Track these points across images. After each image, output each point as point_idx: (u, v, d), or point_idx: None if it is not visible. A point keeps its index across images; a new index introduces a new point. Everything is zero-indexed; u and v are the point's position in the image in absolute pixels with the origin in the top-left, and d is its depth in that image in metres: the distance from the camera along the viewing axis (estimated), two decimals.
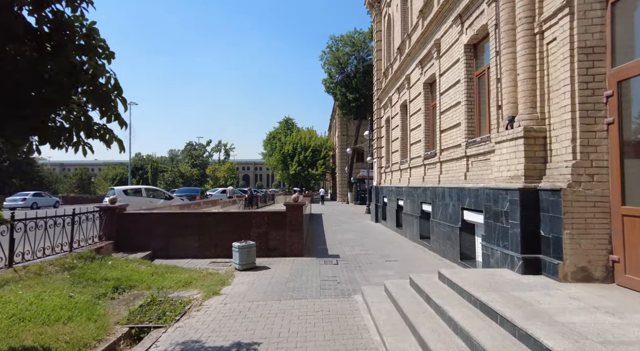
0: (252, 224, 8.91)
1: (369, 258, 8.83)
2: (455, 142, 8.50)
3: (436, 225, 9.27)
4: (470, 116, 7.92)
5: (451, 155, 8.70)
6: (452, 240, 8.19)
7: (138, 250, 8.70)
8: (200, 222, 8.97)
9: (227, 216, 8.96)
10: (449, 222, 8.47)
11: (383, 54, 17.40)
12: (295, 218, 8.90)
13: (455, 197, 8.11)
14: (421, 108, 11.15)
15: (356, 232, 13.86)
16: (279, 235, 8.91)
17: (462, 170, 8.02)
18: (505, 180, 5.23)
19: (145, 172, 75.17)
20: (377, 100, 18.07)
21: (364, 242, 11.47)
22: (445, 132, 9.16)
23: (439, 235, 9.04)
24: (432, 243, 9.57)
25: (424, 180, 10.72)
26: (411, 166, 12.13)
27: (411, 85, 12.36)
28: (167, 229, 8.92)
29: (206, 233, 8.92)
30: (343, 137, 46.49)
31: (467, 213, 7.60)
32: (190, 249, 8.87)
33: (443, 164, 9.28)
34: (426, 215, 10.70)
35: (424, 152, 10.82)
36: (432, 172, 10.13)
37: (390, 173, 15.60)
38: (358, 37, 39.88)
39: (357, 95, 39.14)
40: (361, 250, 9.98)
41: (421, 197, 10.64)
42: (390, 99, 15.56)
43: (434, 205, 9.53)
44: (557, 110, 4.52)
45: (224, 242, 8.79)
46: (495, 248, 5.34)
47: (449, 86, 8.92)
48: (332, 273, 7.24)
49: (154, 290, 6.12)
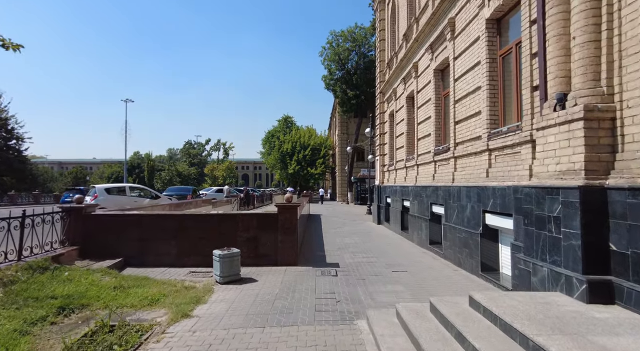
0: (239, 228, 7.74)
1: (373, 267, 7.66)
2: (474, 133, 7.34)
3: (450, 229, 8.10)
4: (493, 103, 6.75)
5: (468, 149, 7.54)
6: (471, 248, 7.03)
7: (107, 256, 7.53)
8: (179, 225, 7.81)
9: (210, 218, 7.80)
10: (466, 226, 7.31)
11: (387, 43, 16.23)
12: (288, 221, 7.74)
13: (474, 197, 6.94)
14: (431, 98, 9.98)
15: (357, 235, 12.70)
16: (269, 240, 7.75)
17: (482, 166, 6.86)
18: (552, 177, 4.06)
19: (142, 170, 73.97)
20: (379, 93, 16.91)
21: (366, 247, 10.31)
22: (461, 123, 7.99)
23: (454, 241, 7.88)
24: (445, 250, 8.41)
25: (434, 179, 9.55)
26: (419, 163, 10.96)
27: (419, 73, 11.19)
28: (142, 233, 7.76)
29: (186, 238, 7.76)
30: (343, 136, 45.33)
31: (490, 217, 6.43)
32: (167, 256, 7.71)
33: (458, 160, 8.12)
34: (437, 218, 9.53)
35: (434, 147, 9.66)
36: (444, 169, 8.96)
37: (394, 172, 14.44)
38: (359, 32, 38.70)
39: (358, 92, 37.98)
40: (363, 257, 8.81)
41: (431, 198, 9.48)
42: (394, 91, 14.39)
43: (447, 207, 8.37)
44: (633, 82, 3.35)
45: (206, 248, 7.62)
46: (539, 263, 4.17)
47: (465, 70, 7.75)
48: (331, 288, 6.08)
49: (112, 310, 4.97)
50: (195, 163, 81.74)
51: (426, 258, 8.71)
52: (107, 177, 68.12)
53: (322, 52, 40.68)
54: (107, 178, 67.30)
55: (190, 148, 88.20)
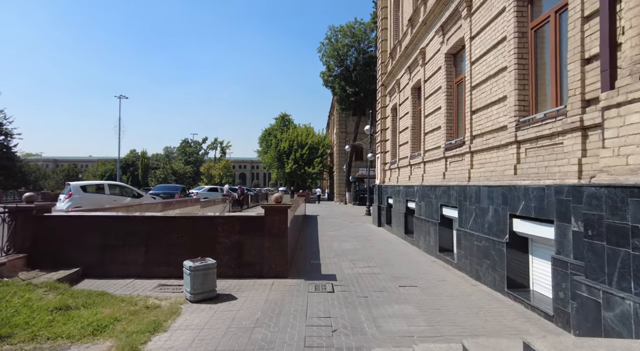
0: (219, 233, 6.58)
1: (375, 280, 6.52)
2: (496, 123, 6.21)
3: (465, 236, 6.97)
4: (522, 85, 5.62)
5: (489, 142, 6.41)
6: (493, 259, 5.90)
7: (62, 266, 6.36)
8: (149, 229, 6.64)
9: (185, 222, 6.65)
10: (486, 233, 6.18)
11: (389, 33, 15.08)
12: (276, 226, 6.58)
13: (498, 199, 5.81)
14: (441, 86, 8.85)
15: (357, 240, 11.55)
16: (254, 247, 6.59)
17: (508, 162, 5.73)
18: (633, 172, 2.92)
19: (136, 168, 72.59)
20: (381, 86, 15.77)
21: (367, 254, 9.16)
22: (480, 112, 6.86)
23: (470, 250, 6.75)
24: (459, 260, 7.27)
25: (444, 177, 8.42)
26: (426, 160, 9.83)
27: (427, 60, 10.06)
28: (105, 238, 6.58)
29: (156, 244, 6.59)
30: (341, 134, 44.21)
31: (520, 223, 5.30)
32: (134, 265, 6.54)
33: (476, 155, 6.99)
34: (448, 222, 8.40)
35: (445, 141, 8.53)
36: (457, 165, 7.83)
37: (396, 170, 13.31)
38: (359, 27, 37.59)
39: (357, 89, 36.85)
40: (364, 266, 7.67)
41: (441, 199, 8.35)
42: (398, 83, 13.25)
43: (461, 210, 7.24)
44: None
45: (179, 257, 6.46)
46: (617, 293, 3.02)
47: (486, 49, 6.62)
48: (325, 310, 4.92)
49: (40, 343, 3.82)
50: (191, 162, 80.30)
51: (436, 268, 7.57)
52: (101, 175, 66.67)
53: (320, 48, 39.57)
54: (101, 176, 65.88)
55: (186, 146, 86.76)
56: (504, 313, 4.81)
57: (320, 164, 47.28)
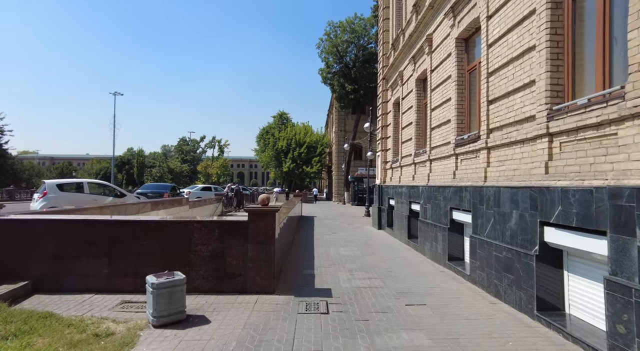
0: (195, 240, 5.62)
1: (377, 297, 5.58)
2: (521, 113, 5.26)
3: (481, 245, 6.03)
4: (555, 67, 4.68)
5: (511, 135, 5.47)
6: (518, 273, 4.96)
7: (5, 279, 5.39)
8: (113, 235, 5.67)
9: (156, 227, 5.68)
10: (508, 242, 5.24)
11: (391, 22, 14.13)
12: (262, 232, 5.63)
13: (524, 202, 4.88)
14: (451, 75, 7.91)
15: (356, 245, 10.61)
16: (236, 258, 5.64)
17: (537, 158, 4.79)
18: None
19: (132, 166, 71.45)
20: (382, 80, 14.82)
21: (367, 262, 8.22)
22: (499, 101, 5.92)
23: (487, 261, 5.81)
24: (473, 272, 6.33)
25: (455, 177, 7.49)
26: (433, 158, 8.89)
27: (434, 47, 9.11)
28: (60, 245, 5.62)
29: (122, 253, 5.64)
30: (340, 133, 43.24)
31: (554, 233, 4.36)
32: (95, 278, 5.58)
33: (494, 151, 6.04)
34: (459, 228, 7.47)
35: (456, 136, 7.59)
36: (471, 163, 6.89)
37: (398, 169, 12.37)
38: (358, 23, 36.61)
39: (356, 87, 35.91)
40: (364, 277, 6.73)
41: (451, 201, 7.41)
42: (400, 75, 12.30)
43: (476, 214, 6.30)
44: None
45: (148, 268, 5.53)
46: None
47: (507, 28, 5.67)
48: (316, 341, 3.98)
49: None
50: (188, 161, 79.24)
51: (447, 281, 6.63)
52: (95, 173, 65.57)
53: (319, 44, 38.62)
54: (96, 174, 64.79)
55: (184, 144, 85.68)
56: (538, 346, 3.87)
57: (319, 163, 46.44)
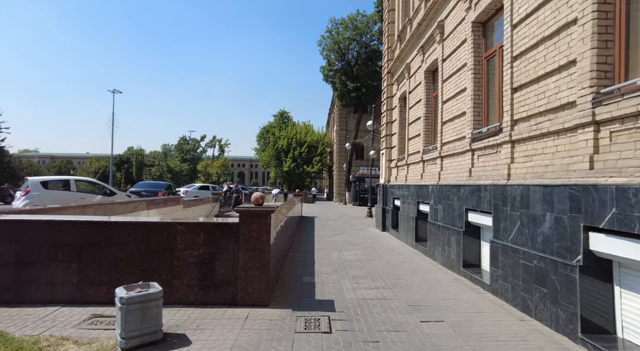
0: (177, 244, 4.91)
1: (387, 310, 4.86)
2: (554, 101, 4.54)
3: (505, 251, 5.30)
4: (603, 43, 3.95)
5: (542, 126, 4.74)
6: (554, 287, 4.23)
7: None
8: (84, 239, 4.95)
9: (133, 229, 4.96)
10: (541, 250, 4.52)
11: (397, 13, 13.41)
12: (255, 236, 4.91)
13: (562, 203, 4.15)
14: (467, 63, 7.18)
15: (359, 248, 9.88)
16: (225, 265, 4.92)
17: (578, 152, 4.07)
18: None
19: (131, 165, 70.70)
20: (387, 74, 14.09)
21: (373, 267, 7.50)
22: (526, 88, 5.19)
23: (513, 270, 5.08)
24: (495, 282, 5.60)
25: (471, 174, 6.76)
26: (444, 154, 8.17)
27: (446, 35, 8.39)
28: (22, 250, 4.91)
29: (94, 258, 4.92)
30: (342, 132, 42.52)
31: (604, 240, 3.64)
32: (63, 287, 4.87)
33: (519, 145, 5.31)
34: (475, 231, 6.75)
35: (472, 130, 6.87)
36: (490, 159, 6.16)
37: (404, 168, 11.64)
38: (361, 19, 35.89)
39: (358, 85, 35.18)
40: (371, 286, 6.00)
41: (467, 201, 6.69)
42: (408, 67, 11.58)
43: (498, 216, 5.58)
44: None
45: (125, 276, 4.83)
46: None
47: (537, 4, 4.94)
48: None
49: None
50: (188, 160, 78.53)
51: (463, 290, 5.90)
52: (94, 171, 64.88)
53: (320, 41, 37.94)
54: (94, 173, 64.11)
55: (184, 144, 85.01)
56: None
57: (320, 163, 45.76)
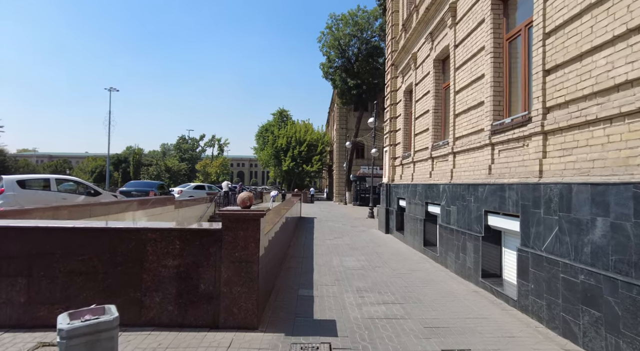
0: (149, 255, 4.08)
1: (401, 334, 4.04)
2: (605, 81, 3.71)
3: (539, 262, 4.48)
4: None
5: (586, 113, 3.92)
6: (614, 313, 3.40)
7: None
8: (35, 249, 4.12)
9: (95, 237, 4.14)
10: (593, 264, 3.69)
11: (401, 1, 12.59)
12: (241, 245, 4.08)
13: (624, 206, 3.33)
14: (485, 46, 6.36)
15: (362, 253, 9.06)
16: (206, 280, 4.09)
17: (637, 142, 3.24)
18: None
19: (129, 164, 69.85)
20: (391, 66, 13.25)
21: (379, 277, 6.67)
22: (563, 69, 4.36)
23: (551, 286, 4.25)
24: (524, 297, 4.77)
25: (491, 172, 5.94)
26: (457, 150, 7.34)
27: (459, 18, 7.55)
28: None
29: (47, 273, 4.10)
30: (342, 131, 41.71)
31: None
32: (6, 308, 4.06)
33: (552, 137, 4.48)
34: (495, 237, 5.93)
35: (491, 122, 6.04)
36: (514, 154, 5.33)
37: (410, 166, 10.82)
38: (362, 15, 35.06)
39: (359, 82, 34.35)
40: (379, 301, 5.18)
41: (486, 203, 5.86)
42: (414, 57, 10.75)
43: (528, 220, 4.75)
44: None
45: (84, 293, 4.02)
46: None
47: None
48: None
49: None
50: (186, 159, 77.69)
51: (485, 307, 5.07)
52: (90, 170, 64.05)
53: (320, 38, 37.10)
54: (91, 173, 63.29)
55: (183, 143, 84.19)
56: None
57: (320, 162, 44.99)
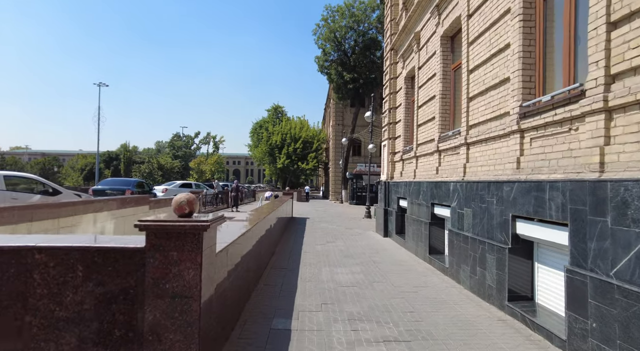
0: (35, 288, 2.75)
1: None
2: None
3: (604, 290, 3.18)
4: None
5: None
6: None
7: None
8: None
9: None
10: None
11: None
12: (174, 273, 2.76)
13: None
14: (510, 8, 5.05)
15: (357, 262, 7.75)
16: (120, 323, 2.78)
17: None
18: None
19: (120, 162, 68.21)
20: (390, 51, 11.93)
21: (377, 299, 5.37)
22: (628, 23, 3.06)
23: (626, 327, 2.96)
24: (579, 338, 3.48)
25: (519, 166, 4.65)
26: (472, 140, 6.05)
27: None
28: None
29: None
30: (338, 127, 40.39)
31: None
32: None
33: (619, 117, 3.18)
34: (526, 248, 4.63)
35: (520, 103, 4.74)
36: (554, 143, 4.03)
37: (413, 161, 9.53)
38: (358, 6, 33.69)
39: (355, 76, 33.03)
40: (377, 338, 3.89)
41: (513, 205, 4.56)
42: (417, 37, 9.44)
43: (583, 231, 3.45)
44: None
45: None
46: None
47: None
48: None
49: None
50: (180, 156, 76.08)
51: (520, 346, 3.78)
52: (80, 168, 62.32)
53: (315, 30, 35.74)
54: (80, 170, 61.58)
55: (177, 140, 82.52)
56: None
57: (315, 160, 43.79)
